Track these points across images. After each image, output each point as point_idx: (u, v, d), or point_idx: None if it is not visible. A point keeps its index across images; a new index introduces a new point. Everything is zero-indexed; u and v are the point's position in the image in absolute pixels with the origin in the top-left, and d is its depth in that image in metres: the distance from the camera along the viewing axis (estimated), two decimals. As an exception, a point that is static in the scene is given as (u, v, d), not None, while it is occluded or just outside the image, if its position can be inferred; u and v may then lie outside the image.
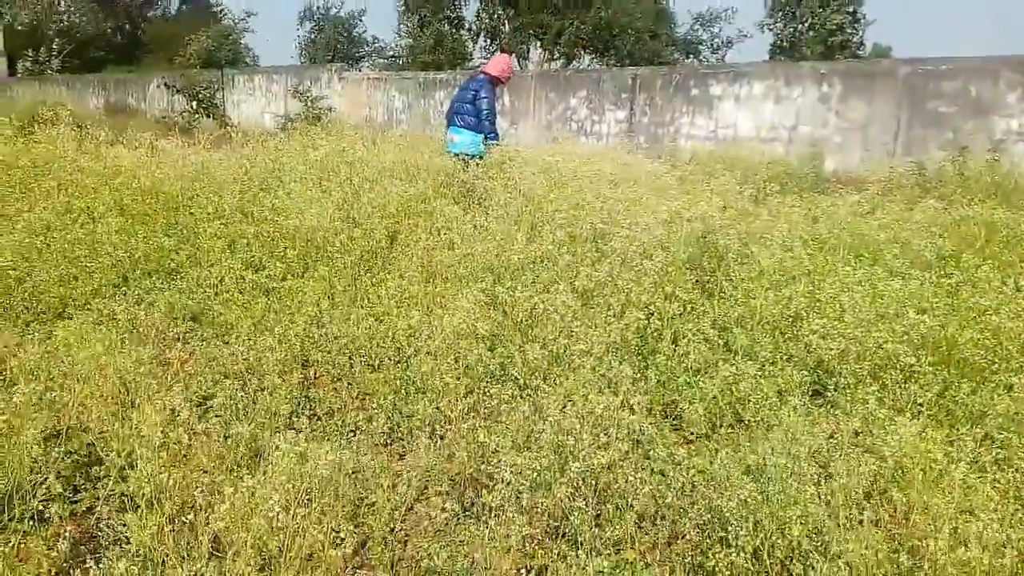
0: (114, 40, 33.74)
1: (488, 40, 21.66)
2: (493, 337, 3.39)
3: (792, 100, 11.10)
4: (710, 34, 19.61)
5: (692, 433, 3.05)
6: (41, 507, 2.34)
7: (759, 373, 3.15)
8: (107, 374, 3.04)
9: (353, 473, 2.73)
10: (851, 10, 17.53)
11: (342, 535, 2.23)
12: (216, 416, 2.87)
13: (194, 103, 15.82)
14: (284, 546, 2.05)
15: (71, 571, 2.06)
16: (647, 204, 5.27)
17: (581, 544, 2.20)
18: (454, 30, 21.06)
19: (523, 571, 2.22)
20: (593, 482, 2.29)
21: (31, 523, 2.33)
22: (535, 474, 2.36)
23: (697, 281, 4.16)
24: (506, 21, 21.16)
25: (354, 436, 3.09)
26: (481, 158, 6.69)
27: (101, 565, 1.82)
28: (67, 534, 2.20)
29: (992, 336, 3.42)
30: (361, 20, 24.27)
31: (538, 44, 20.44)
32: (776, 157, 10.14)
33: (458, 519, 2.50)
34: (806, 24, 18.16)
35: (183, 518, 2.04)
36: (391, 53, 23.74)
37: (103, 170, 6.45)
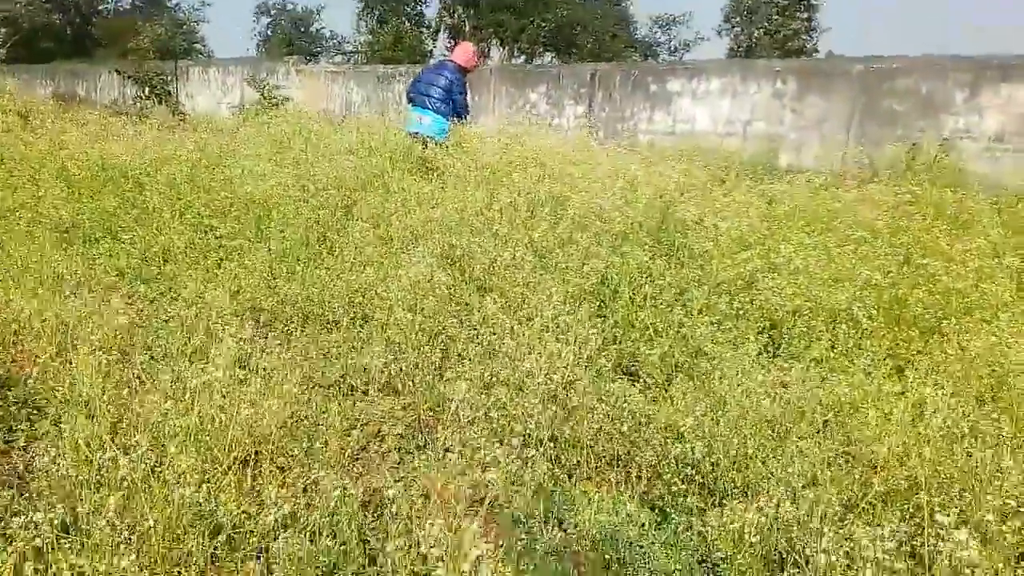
0: (64, 34, 32.85)
1: (449, 38, 21.64)
2: (451, 290, 3.34)
3: (748, 96, 11.27)
4: (668, 36, 19.91)
5: (649, 384, 3.05)
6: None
7: (714, 328, 3.16)
8: (48, 319, 2.92)
9: (305, 419, 2.66)
10: (806, 17, 17.93)
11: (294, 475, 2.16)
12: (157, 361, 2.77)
13: (146, 90, 15.41)
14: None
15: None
16: (606, 179, 5.28)
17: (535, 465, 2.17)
18: (414, 27, 21.00)
19: (476, 501, 2.19)
20: (551, 406, 2.25)
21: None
22: (491, 407, 2.33)
23: (655, 245, 4.16)
24: (466, 20, 21.17)
25: (308, 387, 3.03)
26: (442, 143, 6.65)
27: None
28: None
29: (941, 296, 3.49)
30: (319, 16, 24.13)
31: (499, 43, 20.48)
32: (732, 151, 10.28)
33: (412, 456, 2.45)
34: (762, 30, 18.51)
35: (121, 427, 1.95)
36: (349, 49, 23.57)
37: (49, 145, 6.28)
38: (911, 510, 1.56)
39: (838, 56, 10.92)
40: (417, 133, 6.79)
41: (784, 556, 1.56)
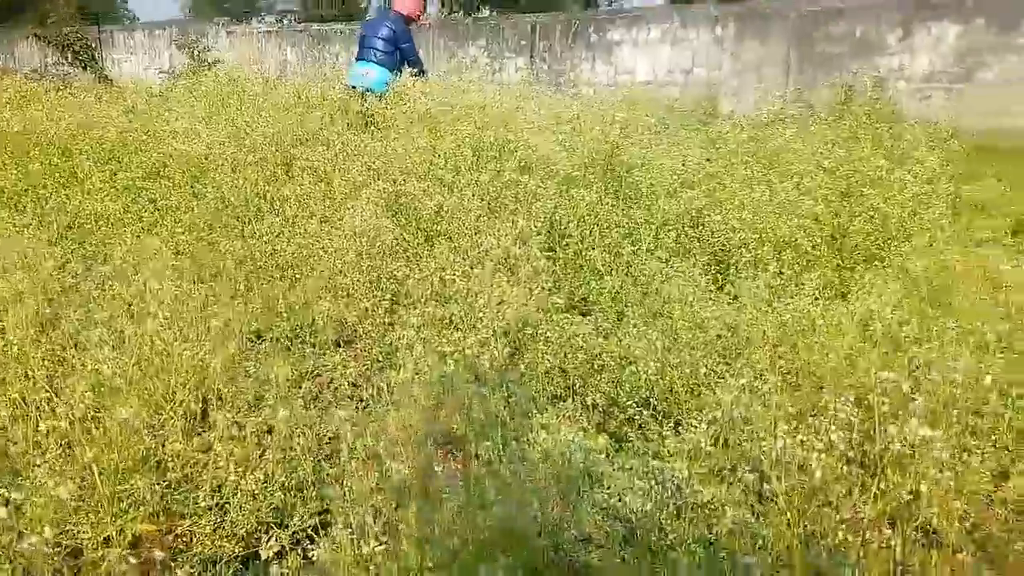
0: (-25, 0, 31.03)
1: (384, -5, 21.13)
2: (397, 237, 3.28)
3: (688, 43, 11.27)
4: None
5: (600, 320, 3.06)
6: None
7: (663, 264, 3.18)
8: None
9: (251, 374, 2.60)
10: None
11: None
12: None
13: (69, 55, 14.72)
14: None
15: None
16: (550, 125, 5.23)
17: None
18: (348, -17, 20.44)
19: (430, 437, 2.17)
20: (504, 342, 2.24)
21: None
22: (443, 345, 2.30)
23: (602, 186, 4.15)
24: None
25: (256, 342, 2.97)
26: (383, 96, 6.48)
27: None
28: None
29: (881, 223, 3.56)
30: (249, -25, 23.26)
31: (436, 1, 20.07)
32: (674, 99, 10.30)
33: (366, 403, 2.42)
34: (700, -23, 18.47)
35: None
36: (281, 8, 22.84)
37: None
38: (861, 414, 1.59)
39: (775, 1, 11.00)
40: (355, 87, 6.61)
41: (736, 464, 1.59)
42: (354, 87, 6.61)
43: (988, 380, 1.58)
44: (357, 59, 6.97)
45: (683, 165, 4.20)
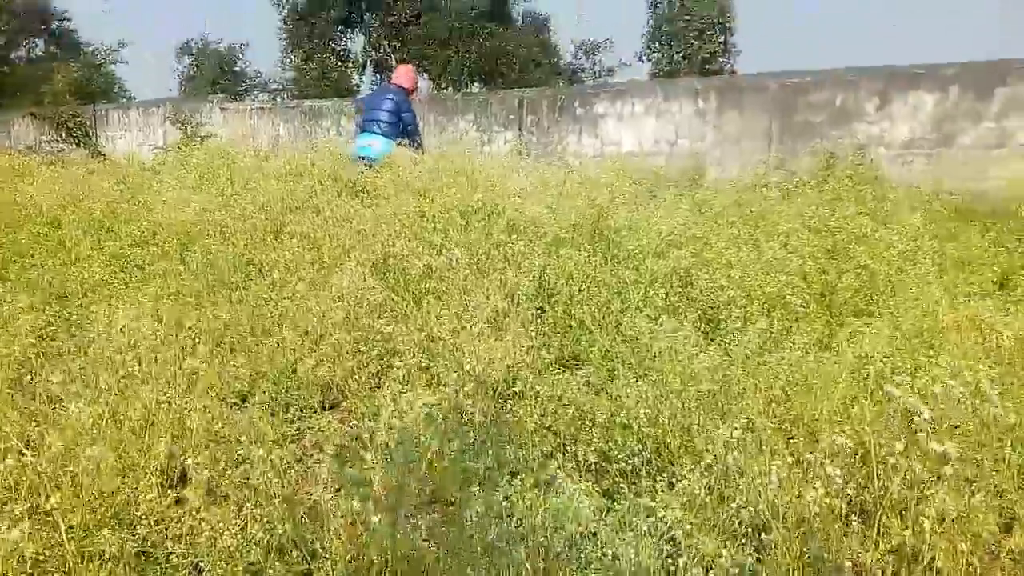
0: (-28, 83, 31.63)
1: (376, 74, 21.64)
2: (385, 297, 3.26)
3: (672, 115, 11.54)
4: (592, 63, 20.33)
5: (590, 378, 3.01)
6: None
7: (652, 322, 3.16)
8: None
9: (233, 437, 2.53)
10: (722, 40, 18.56)
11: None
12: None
13: (63, 133, 14.93)
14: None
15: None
16: (538, 191, 5.29)
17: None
18: (340, 63, 20.92)
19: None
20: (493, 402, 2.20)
21: None
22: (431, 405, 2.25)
23: (590, 247, 4.16)
24: (392, 55, 21.22)
25: (240, 404, 2.91)
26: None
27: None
28: None
29: (869, 280, 3.57)
30: (243, 54, 23.82)
31: (426, 76, 20.57)
32: (660, 168, 10.47)
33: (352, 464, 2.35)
34: (681, 54, 19.06)
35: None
36: (275, 87, 23.31)
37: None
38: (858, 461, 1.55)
39: (755, 73, 11.31)
40: (364, 157, 6.73)
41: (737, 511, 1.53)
42: (361, 157, 6.72)
43: (988, 414, 1.55)
44: (362, 131, 7.17)
45: (670, 227, 4.22)
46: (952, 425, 1.63)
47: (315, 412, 2.89)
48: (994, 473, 1.62)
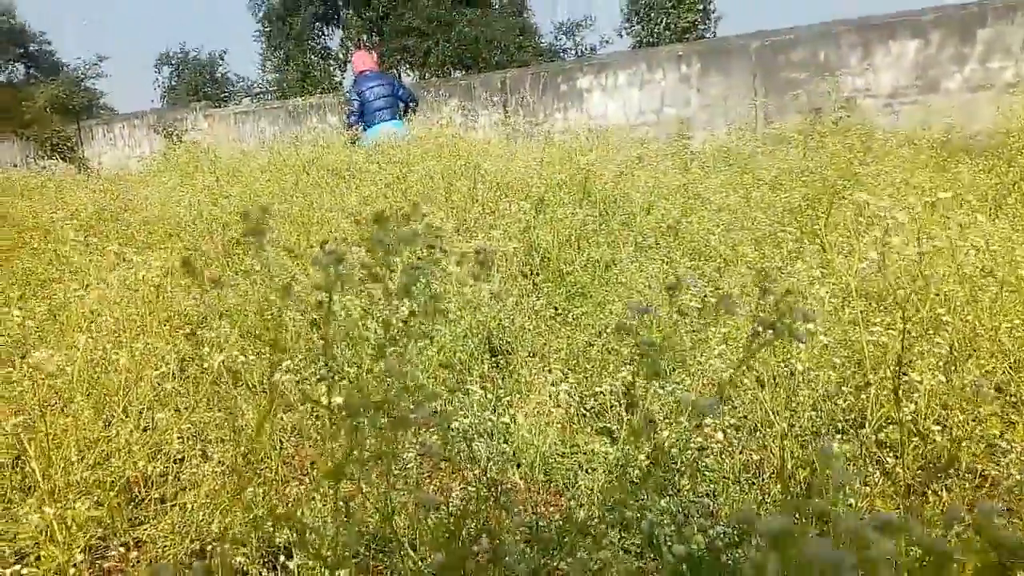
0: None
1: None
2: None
3: (656, 84, 11.48)
4: (573, 42, 20.25)
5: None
6: None
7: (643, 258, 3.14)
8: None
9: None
10: (701, 7, 18.45)
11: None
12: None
13: (47, 148, 14.90)
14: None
15: None
16: (526, 159, 5.26)
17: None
18: (320, 60, 20.83)
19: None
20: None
21: None
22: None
23: (578, 203, 4.14)
24: (372, 48, 21.11)
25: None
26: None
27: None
28: None
29: (858, 213, 3.55)
30: (223, 60, 23.73)
31: (408, 67, 20.49)
32: (648, 137, 10.43)
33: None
34: (661, 25, 18.95)
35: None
36: (258, 90, 23.23)
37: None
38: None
39: (735, 35, 11.25)
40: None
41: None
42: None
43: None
44: (377, 121, 7.61)
45: (658, 184, 4.19)
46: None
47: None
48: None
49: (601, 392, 1.96)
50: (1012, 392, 1.86)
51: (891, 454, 1.62)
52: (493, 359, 2.44)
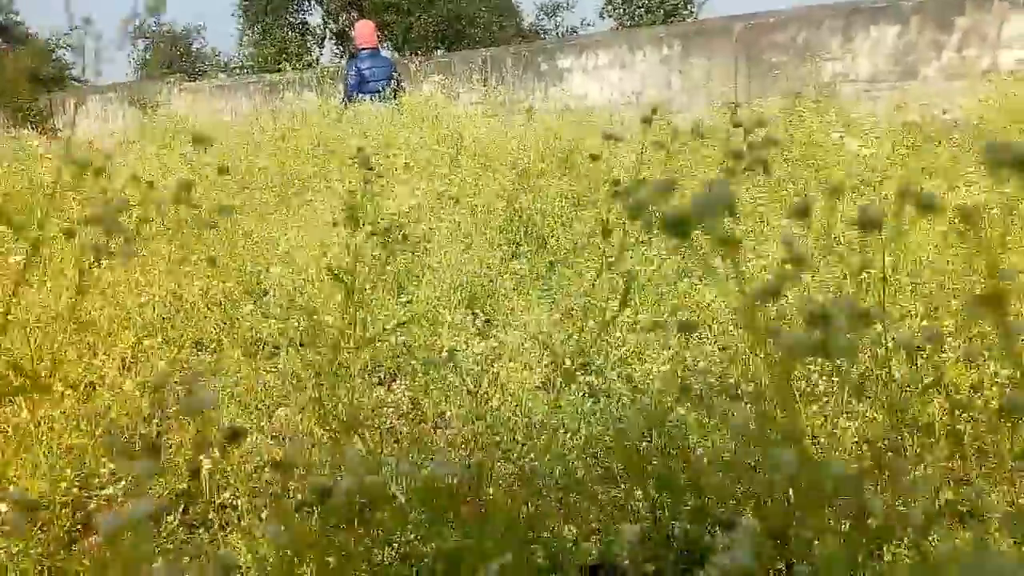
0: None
1: (336, 45, 21.32)
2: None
3: (637, 65, 11.50)
4: (554, 23, 20.18)
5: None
6: None
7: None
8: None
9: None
10: (684, -9, 18.46)
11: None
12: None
13: (19, 118, 14.61)
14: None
15: None
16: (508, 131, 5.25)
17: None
18: (298, 36, 20.58)
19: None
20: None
21: None
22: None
23: (562, 176, 4.14)
24: (350, 27, 20.91)
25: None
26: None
27: None
28: None
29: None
30: (199, 34, 23.33)
31: (389, 45, 20.31)
32: (624, 116, 10.45)
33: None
34: (643, 8, 18.94)
35: None
36: (234, 65, 22.92)
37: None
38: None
39: (718, 17, 11.26)
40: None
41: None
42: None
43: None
44: (369, 100, 7.86)
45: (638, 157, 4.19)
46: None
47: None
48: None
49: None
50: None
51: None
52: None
